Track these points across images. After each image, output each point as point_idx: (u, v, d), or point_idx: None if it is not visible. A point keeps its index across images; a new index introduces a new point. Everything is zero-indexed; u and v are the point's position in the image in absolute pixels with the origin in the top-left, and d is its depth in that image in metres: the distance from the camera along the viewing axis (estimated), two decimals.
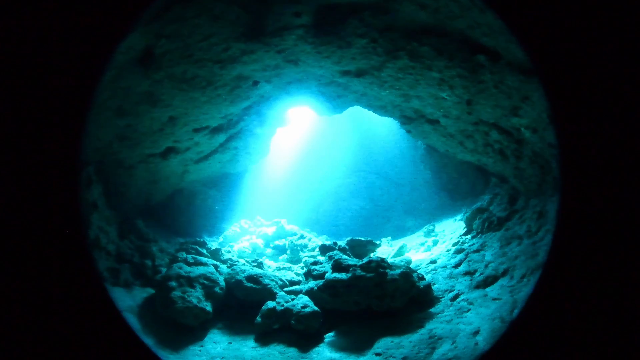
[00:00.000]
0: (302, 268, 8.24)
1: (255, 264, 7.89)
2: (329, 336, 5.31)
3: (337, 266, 6.00)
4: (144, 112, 6.28)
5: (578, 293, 3.20)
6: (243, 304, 6.12)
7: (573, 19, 3.07)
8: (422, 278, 6.12)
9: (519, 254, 5.99)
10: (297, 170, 14.83)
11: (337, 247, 8.36)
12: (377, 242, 9.13)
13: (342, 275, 5.71)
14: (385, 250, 9.57)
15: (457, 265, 6.80)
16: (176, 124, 7.10)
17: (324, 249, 8.48)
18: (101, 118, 5.69)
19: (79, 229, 3.23)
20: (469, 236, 7.93)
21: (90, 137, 5.89)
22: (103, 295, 3.44)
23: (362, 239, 8.83)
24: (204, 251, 7.90)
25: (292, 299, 5.87)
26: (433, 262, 7.47)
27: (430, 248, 8.84)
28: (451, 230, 9.43)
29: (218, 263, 7.25)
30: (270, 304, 5.69)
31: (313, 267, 6.78)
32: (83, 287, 3.29)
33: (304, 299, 5.74)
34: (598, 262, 3.16)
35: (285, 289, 6.44)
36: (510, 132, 6.38)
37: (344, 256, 6.62)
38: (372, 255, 8.48)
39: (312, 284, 6.09)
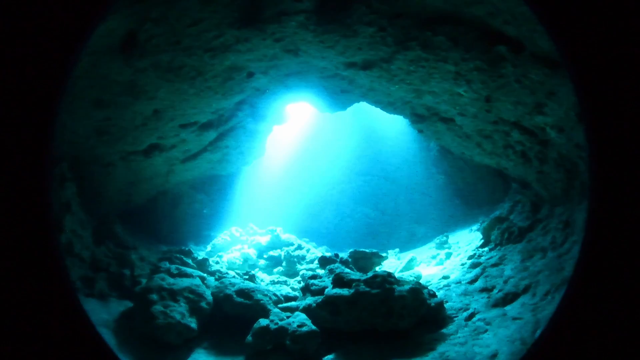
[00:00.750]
0: (299, 282, 8.26)
1: (246, 277, 7.91)
2: (328, 359, 5.26)
3: (339, 281, 5.99)
4: (125, 104, 6.29)
5: (608, 312, 3.17)
6: (232, 321, 6.08)
7: (608, 2, 3.06)
8: (434, 295, 6.11)
9: (543, 269, 5.99)
10: (295, 173, 14.81)
11: (338, 260, 8.38)
12: (384, 255, 9.16)
13: (344, 291, 5.71)
14: (393, 263, 9.61)
15: (472, 281, 6.81)
16: (161, 118, 7.11)
17: (323, 262, 8.49)
18: (77, 109, 5.69)
19: (50, 233, 3.21)
20: (486, 248, 7.96)
21: (65, 130, 5.91)
22: (75, 307, 3.41)
23: (367, 250, 8.87)
24: (190, 261, 7.91)
25: (288, 317, 5.85)
26: (446, 277, 7.51)
27: (442, 261, 8.90)
28: (466, 241, 9.47)
29: (205, 275, 7.26)
30: (263, 321, 5.67)
31: (311, 281, 6.78)
32: (52, 297, 3.27)
33: (301, 317, 5.72)
34: (632, 278, 3.13)
35: (279, 306, 6.44)
36: (534, 132, 6.39)
37: (346, 270, 6.65)
38: (377, 269, 8.54)
39: (310, 300, 6.08)
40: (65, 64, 2.92)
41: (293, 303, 6.60)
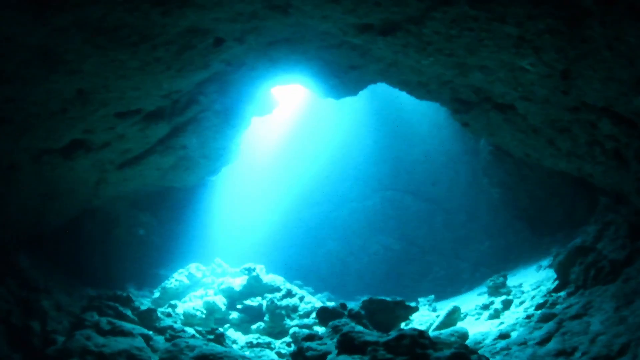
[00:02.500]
0: (288, 345, 8.23)
1: (211, 337, 7.93)
2: None
3: (347, 343, 5.96)
4: (36, 79, 6.26)
5: None
6: None
7: None
8: None
9: None
10: (284, 186, 14.86)
11: (346, 312, 8.32)
12: (412, 305, 9.12)
13: (356, 359, 5.68)
14: (426, 317, 9.64)
15: (544, 341, 6.77)
16: (88, 102, 7.09)
17: (324, 315, 8.41)
18: None
19: None
20: (563, 293, 7.97)
21: None
22: None
23: (388, 299, 8.83)
24: (129, 312, 7.93)
25: None
26: (504, 335, 7.49)
27: (499, 313, 8.92)
28: (533, 282, 9.51)
29: (150, 333, 7.31)
30: None
31: (307, 344, 6.72)
32: None
33: None
34: None
35: None
36: (632, 121, 6.35)
37: (358, 327, 6.66)
38: (403, 325, 8.56)
39: None
40: None
41: None
